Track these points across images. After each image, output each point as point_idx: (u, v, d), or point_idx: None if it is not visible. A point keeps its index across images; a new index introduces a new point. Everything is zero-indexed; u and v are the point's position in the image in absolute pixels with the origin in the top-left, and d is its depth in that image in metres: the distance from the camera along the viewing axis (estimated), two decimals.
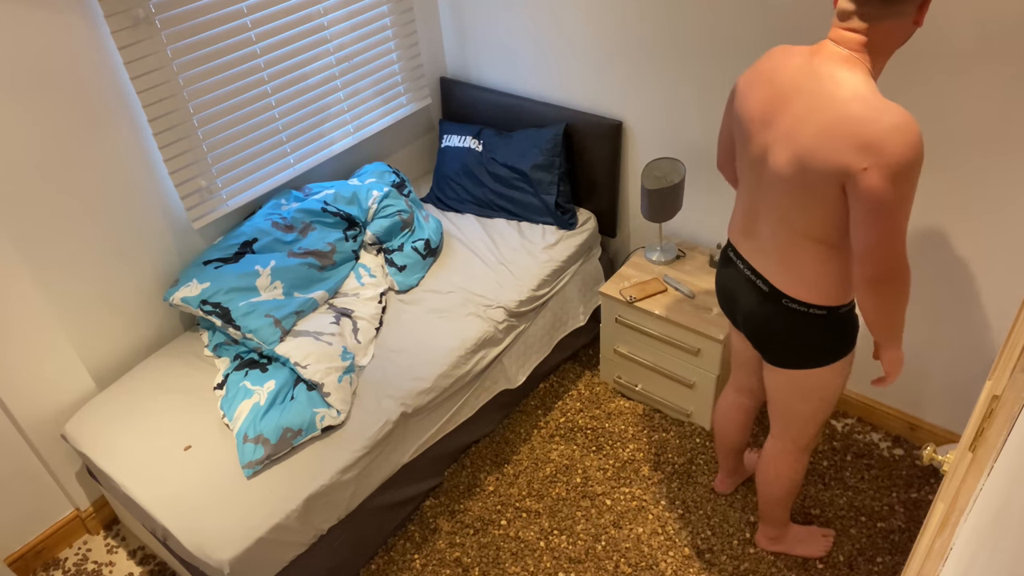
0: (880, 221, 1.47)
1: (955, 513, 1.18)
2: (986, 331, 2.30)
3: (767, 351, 1.85)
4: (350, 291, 2.64)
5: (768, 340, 1.83)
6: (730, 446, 2.34)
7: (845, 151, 1.45)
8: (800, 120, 1.53)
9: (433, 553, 2.44)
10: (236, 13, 2.42)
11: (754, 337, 1.87)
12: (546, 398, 2.94)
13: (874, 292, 1.58)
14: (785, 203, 1.63)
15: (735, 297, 1.89)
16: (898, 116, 1.41)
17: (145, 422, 2.27)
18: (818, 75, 1.52)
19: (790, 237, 1.66)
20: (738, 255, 1.86)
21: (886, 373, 1.76)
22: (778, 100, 1.58)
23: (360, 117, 2.98)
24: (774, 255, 1.72)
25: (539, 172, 2.87)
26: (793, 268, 1.69)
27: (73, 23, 2.10)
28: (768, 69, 1.63)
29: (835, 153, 1.47)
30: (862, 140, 1.43)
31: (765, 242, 1.74)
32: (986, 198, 2.11)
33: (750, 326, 1.86)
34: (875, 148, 1.42)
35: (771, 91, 1.60)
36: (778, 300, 1.75)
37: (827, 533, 2.35)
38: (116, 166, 2.32)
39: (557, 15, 2.74)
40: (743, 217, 1.80)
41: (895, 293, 1.57)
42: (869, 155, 1.43)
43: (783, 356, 1.82)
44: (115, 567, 2.53)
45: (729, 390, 2.25)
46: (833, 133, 1.47)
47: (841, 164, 1.47)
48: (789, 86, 1.57)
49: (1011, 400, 1.03)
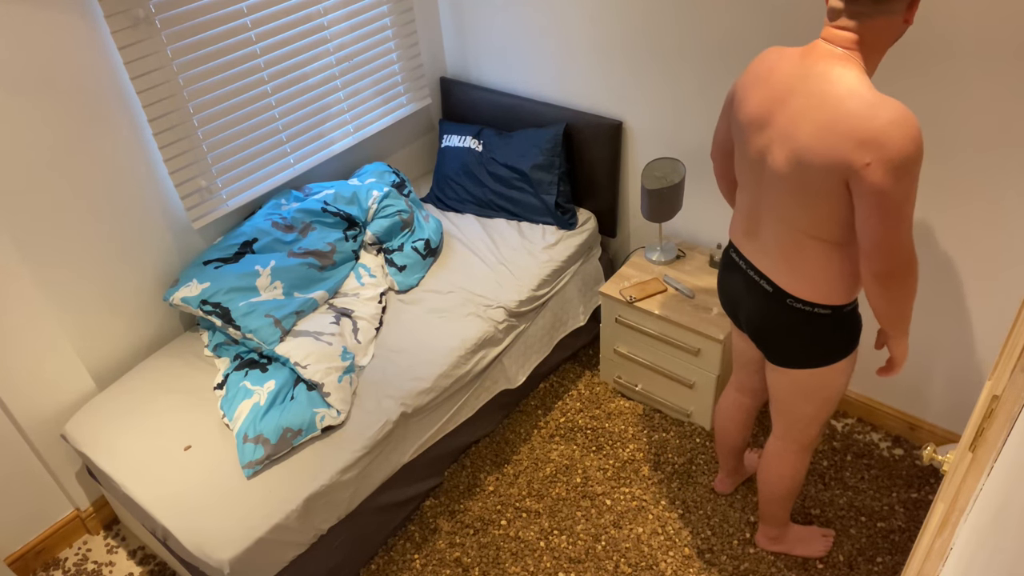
0: (887, 216, 1.47)
1: (955, 513, 1.18)
2: (986, 331, 2.30)
3: (771, 351, 1.85)
4: (350, 291, 2.64)
5: (772, 340, 1.83)
6: (731, 445, 2.35)
7: (845, 147, 1.45)
8: (797, 119, 1.53)
9: (433, 553, 2.44)
10: (236, 13, 2.42)
11: (758, 337, 1.87)
12: (546, 398, 2.94)
13: (883, 287, 1.58)
14: (786, 202, 1.63)
15: (738, 298, 1.89)
16: (896, 110, 1.41)
17: (145, 422, 2.27)
18: (812, 74, 1.52)
19: (792, 236, 1.66)
20: (741, 256, 1.86)
21: (894, 362, 1.76)
22: (774, 101, 1.59)
23: (360, 117, 2.98)
24: (777, 255, 1.72)
25: (539, 172, 2.87)
26: (797, 267, 1.69)
27: (73, 23, 2.10)
28: (764, 70, 1.63)
29: (835, 150, 1.47)
30: (862, 136, 1.43)
31: (767, 242, 1.74)
32: (986, 197, 2.11)
33: (754, 326, 1.86)
34: (876, 143, 1.42)
35: (767, 92, 1.61)
36: (782, 300, 1.75)
37: (827, 533, 2.36)
38: (116, 166, 2.32)
39: (557, 15, 2.74)
40: (745, 218, 1.80)
41: (905, 286, 1.57)
42: (870, 150, 1.43)
43: (787, 356, 1.82)
44: (115, 567, 2.53)
45: (730, 389, 2.25)
46: (832, 130, 1.47)
47: (842, 160, 1.47)
48: (784, 86, 1.57)
49: (1011, 400, 1.03)
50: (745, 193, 1.77)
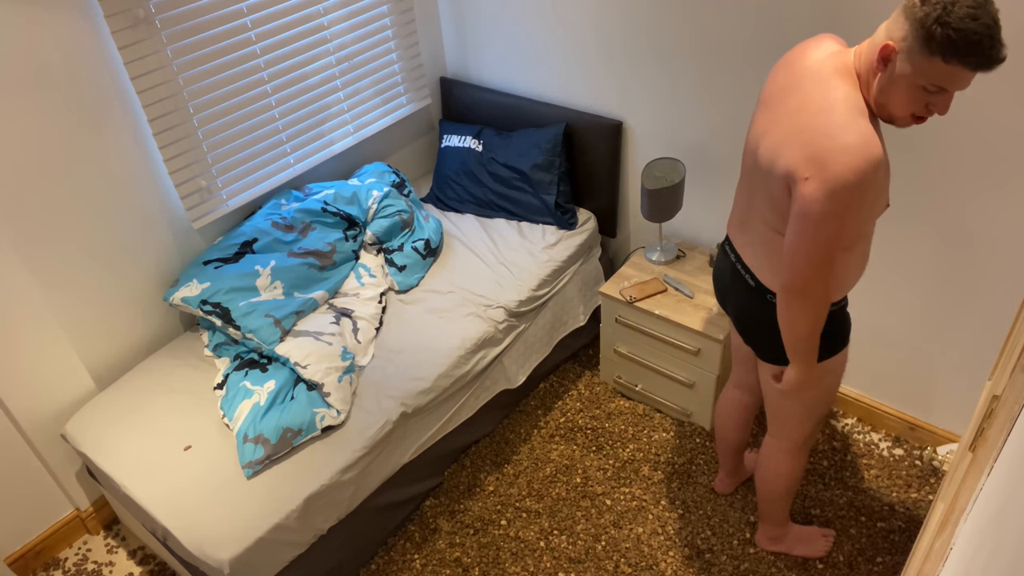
0: (803, 229, 1.48)
1: (955, 513, 1.18)
2: (986, 331, 2.30)
3: (755, 346, 1.86)
4: (350, 291, 2.64)
5: (756, 335, 1.83)
6: (730, 444, 2.35)
7: (797, 158, 1.47)
8: (785, 116, 1.54)
9: (433, 553, 2.44)
10: (236, 13, 2.42)
11: (743, 331, 1.88)
12: (546, 398, 2.94)
13: (783, 300, 1.59)
14: (762, 196, 1.64)
15: (726, 291, 1.90)
16: (856, 138, 1.40)
17: (145, 422, 2.27)
18: (818, 76, 1.52)
19: (767, 232, 1.67)
20: (732, 248, 1.86)
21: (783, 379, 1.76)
22: (784, 90, 1.58)
23: (360, 117, 2.98)
24: (760, 250, 1.72)
25: (539, 172, 2.87)
26: (774, 263, 1.70)
27: (73, 23, 2.10)
28: (794, 56, 1.61)
29: (791, 158, 1.49)
30: (812, 151, 1.44)
31: (755, 236, 1.74)
32: (986, 197, 2.11)
33: (739, 320, 1.87)
34: (820, 162, 1.43)
35: (785, 79, 1.60)
36: (763, 295, 1.76)
37: (827, 533, 2.35)
38: (116, 166, 2.32)
39: (557, 15, 2.74)
40: (740, 209, 1.80)
41: (802, 310, 1.57)
42: (813, 167, 1.44)
43: (771, 352, 1.82)
44: (115, 567, 2.53)
45: (729, 386, 2.25)
46: (796, 137, 1.48)
47: (791, 169, 1.49)
48: (795, 79, 1.57)
49: (1011, 400, 1.03)
50: (742, 182, 1.77)
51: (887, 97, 1.45)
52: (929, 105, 1.43)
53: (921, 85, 1.39)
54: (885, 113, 1.49)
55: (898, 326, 2.47)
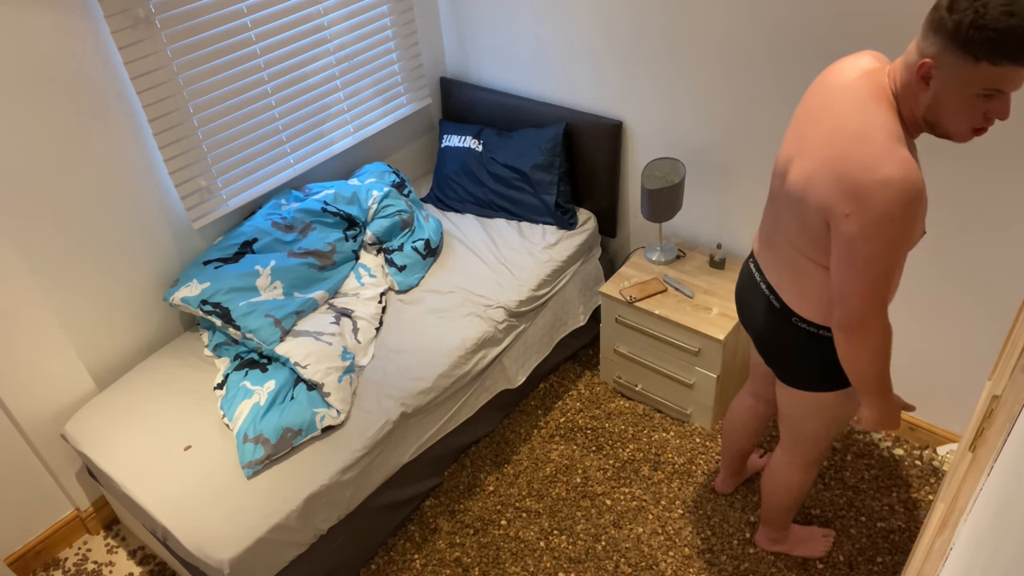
0: (851, 266, 1.43)
1: (955, 513, 1.18)
2: (986, 331, 2.30)
3: (777, 369, 1.82)
4: (350, 291, 2.64)
5: (779, 359, 1.79)
6: (738, 449, 2.33)
7: (835, 192, 1.41)
8: (818, 141, 1.47)
9: (433, 553, 2.44)
10: (236, 13, 2.43)
11: (765, 353, 1.83)
12: (546, 398, 2.94)
13: (842, 338, 1.53)
14: (790, 220, 1.59)
15: (751, 310, 1.85)
16: (896, 169, 1.34)
17: (145, 422, 2.27)
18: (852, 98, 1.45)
19: (794, 255, 1.62)
20: (757, 267, 1.81)
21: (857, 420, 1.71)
22: (816, 111, 1.52)
23: (360, 117, 2.98)
24: (785, 272, 1.68)
25: (539, 172, 2.87)
26: (800, 287, 1.65)
27: (73, 23, 2.10)
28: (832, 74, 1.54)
29: (825, 190, 1.43)
30: (851, 186, 1.38)
31: (780, 256, 1.69)
32: (986, 197, 2.11)
33: (762, 341, 1.82)
34: (861, 197, 1.37)
35: (817, 99, 1.53)
36: (788, 318, 1.71)
37: (827, 533, 2.35)
38: (116, 166, 2.32)
39: (557, 15, 2.75)
40: (767, 227, 1.75)
41: (864, 346, 1.51)
42: (853, 202, 1.38)
43: (793, 376, 1.78)
44: (115, 567, 2.53)
45: (746, 394, 2.22)
46: (831, 168, 1.42)
47: (828, 202, 1.43)
48: (827, 101, 1.50)
49: (1011, 400, 1.03)
50: (770, 201, 1.72)
51: (938, 115, 1.38)
52: (988, 113, 1.35)
53: (975, 93, 1.32)
54: (939, 131, 1.41)
55: (898, 326, 2.47)
